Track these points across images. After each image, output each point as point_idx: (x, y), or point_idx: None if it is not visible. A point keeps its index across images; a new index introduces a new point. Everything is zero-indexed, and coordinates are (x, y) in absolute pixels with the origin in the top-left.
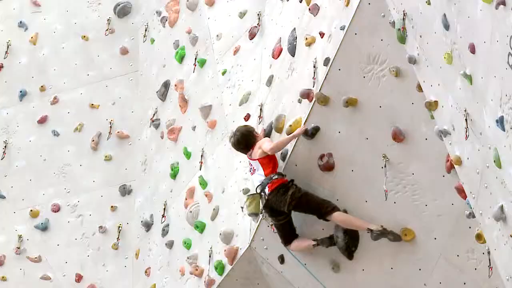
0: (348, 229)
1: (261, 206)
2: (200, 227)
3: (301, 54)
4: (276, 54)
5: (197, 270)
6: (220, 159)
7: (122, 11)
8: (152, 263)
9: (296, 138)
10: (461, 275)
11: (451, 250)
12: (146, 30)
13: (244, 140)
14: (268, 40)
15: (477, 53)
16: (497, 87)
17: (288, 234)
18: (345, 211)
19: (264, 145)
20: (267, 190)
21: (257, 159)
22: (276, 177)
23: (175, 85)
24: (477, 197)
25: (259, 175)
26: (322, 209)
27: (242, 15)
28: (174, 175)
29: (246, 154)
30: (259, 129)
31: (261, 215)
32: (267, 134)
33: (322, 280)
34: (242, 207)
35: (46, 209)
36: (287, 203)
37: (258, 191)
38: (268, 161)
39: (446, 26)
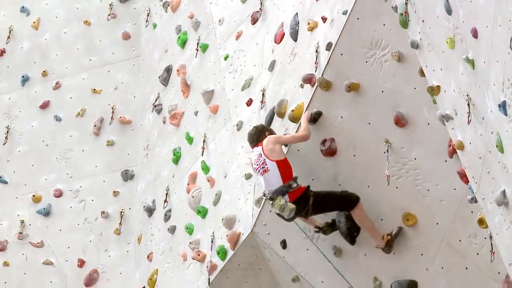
0: (350, 215)
1: (276, 210)
2: (202, 212)
3: (303, 39)
4: (278, 39)
5: (199, 255)
6: (222, 144)
7: None
8: (154, 248)
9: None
10: (463, 259)
11: (453, 235)
12: (148, 15)
13: (255, 132)
14: (270, 25)
15: (480, 38)
16: (499, 71)
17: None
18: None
19: (284, 137)
20: (287, 199)
21: (276, 161)
22: (295, 185)
23: (177, 70)
24: (479, 182)
25: (274, 180)
26: (342, 205)
27: (244, 0)
28: (176, 160)
29: (251, 145)
30: (259, 117)
31: (263, 199)
32: (268, 120)
33: (324, 264)
34: (279, 211)
35: (48, 194)
36: (310, 212)
37: (270, 195)
38: (286, 164)
39: (449, 11)
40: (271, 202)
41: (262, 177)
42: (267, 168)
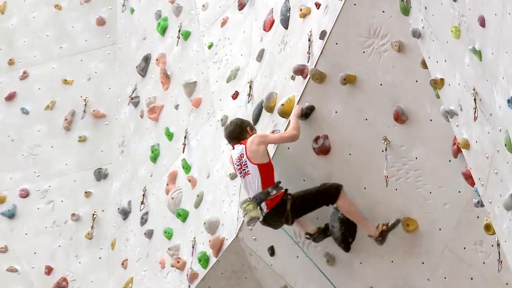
0: (345, 219)
1: (260, 217)
2: (183, 215)
3: (295, 26)
4: (268, 26)
5: (178, 262)
6: (205, 141)
7: None
8: (130, 254)
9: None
10: (468, 269)
11: (458, 242)
12: None
13: (237, 131)
14: (259, 11)
15: (487, 27)
16: (509, 63)
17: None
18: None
19: (270, 137)
20: (264, 208)
21: (258, 165)
22: (274, 192)
23: (157, 60)
24: (486, 184)
25: (254, 185)
26: (324, 199)
27: None
28: (154, 158)
29: (232, 144)
30: (247, 110)
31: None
32: (256, 115)
33: (316, 273)
34: (243, 216)
35: (13, 195)
36: (290, 218)
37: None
38: (269, 168)
39: None
40: (243, 203)
41: (243, 180)
42: (248, 171)
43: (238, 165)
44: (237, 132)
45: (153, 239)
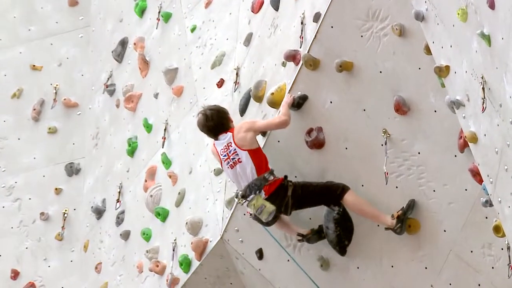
0: (340, 219)
1: (251, 211)
2: (162, 215)
3: (286, 8)
4: (257, 7)
5: (158, 266)
6: (188, 133)
7: None
8: (104, 257)
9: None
10: (475, 274)
11: (464, 245)
12: None
13: (218, 120)
14: None
15: (497, 9)
16: None
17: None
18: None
19: (258, 123)
20: (262, 194)
21: (248, 150)
22: (271, 177)
23: (134, 44)
24: (496, 182)
25: (247, 172)
26: (329, 195)
27: None
28: (131, 152)
29: (213, 137)
30: (233, 100)
31: (236, 200)
32: (244, 104)
33: (308, 279)
34: (257, 214)
35: None
36: (290, 207)
37: (244, 193)
38: (260, 154)
39: None
40: (244, 201)
41: (232, 171)
42: (239, 159)
43: (225, 156)
44: (222, 122)
45: (129, 241)
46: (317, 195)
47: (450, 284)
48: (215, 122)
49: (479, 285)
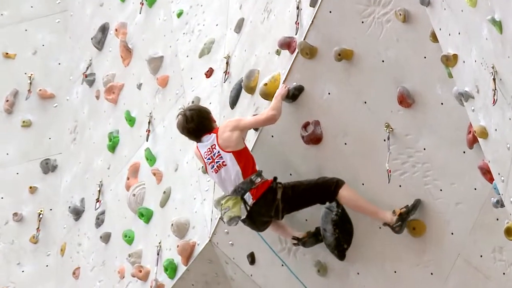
0: (339, 221)
1: (242, 215)
2: (146, 216)
3: None
4: None
5: (141, 271)
6: (174, 127)
7: None
8: (83, 262)
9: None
10: (485, 281)
11: (473, 248)
12: None
13: (198, 121)
14: None
15: None
16: None
17: None
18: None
19: (245, 121)
20: (249, 199)
21: (232, 152)
22: (259, 180)
23: (116, 30)
24: (507, 180)
25: (232, 176)
26: (323, 193)
27: None
28: (112, 147)
29: (195, 140)
30: (222, 92)
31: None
32: (234, 96)
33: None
34: (221, 215)
35: None
36: (280, 210)
37: (220, 210)
38: (246, 155)
39: None
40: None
41: (217, 175)
42: (223, 162)
43: (209, 159)
44: (203, 123)
45: (110, 244)
46: (309, 194)
47: None
48: (195, 124)
49: None
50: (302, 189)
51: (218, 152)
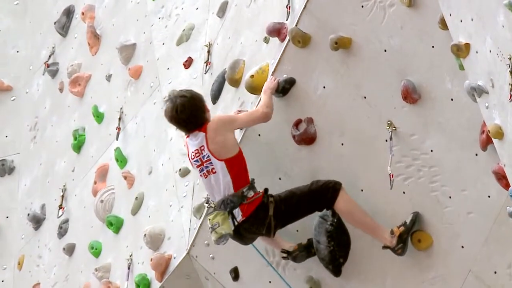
0: (334, 232)
1: (231, 231)
2: (116, 225)
3: None
4: None
5: (109, 287)
6: (147, 125)
7: None
8: (43, 276)
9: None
10: None
11: (486, 264)
12: None
13: (192, 110)
14: None
15: None
16: None
17: None
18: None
19: (240, 119)
20: (239, 215)
21: (225, 160)
22: (251, 193)
23: (82, 14)
24: None
25: (222, 186)
26: (319, 201)
27: None
28: (78, 147)
29: (185, 131)
30: (203, 83)
31: (206, 207)
32: (217, 90)
33: None
34: (210, 228)
35: None
36: (273, 228)
37: (215, 206)
38: (240, 162)
39: None
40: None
41: (206, 180)
42: (213, 169)
43: (197, 161)
44: (195, 115)
45: (75, 257)
46: (304, 205)
47: None
48: (187, 115)
49: None
50: (295, 201)
51: (208, 157)
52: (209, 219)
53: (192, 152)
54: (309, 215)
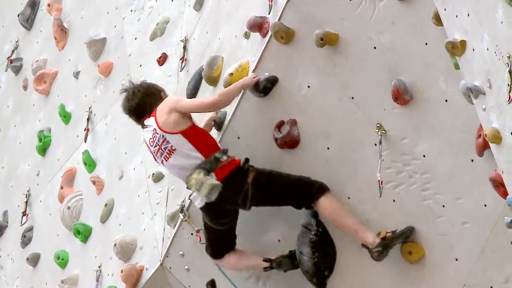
0: (319, 242)
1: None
2: (83, 234)
3: None
4: None
5: None
6: (118, 126)
7: None
8: None
9: (241, 94)
10: None
11: (481, 277)
12: None
13: (140, 98)
14: None
15: None
16: None
17: (224, 244)
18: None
19: (183, 103)
20: (213, 178)
21: (180, 132)
22: (224, 157)
23: (48, 5)
24: None
25: (187, 158)
26: (302, 193)
27: None
28: (43, 149)
29: (138, 122)
30: (178, 82)
31: (181, 215)
32: (193, 88)
33: None
34: (195, 190)
35: None
36: (249, 198)
37: (193, 188)
38: (197, 132)
39: None
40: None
41: (168, 164)
42: (171, 147)
43: (155, 147)
44: (147, 102)
45: (39, 267)
46: (286, 188)
47: None
48: (137, 102)
49: None
50: (279, 181)
51: (163, 136)
52: (192, 180)
53: (150, 139)
54: (291, 224)
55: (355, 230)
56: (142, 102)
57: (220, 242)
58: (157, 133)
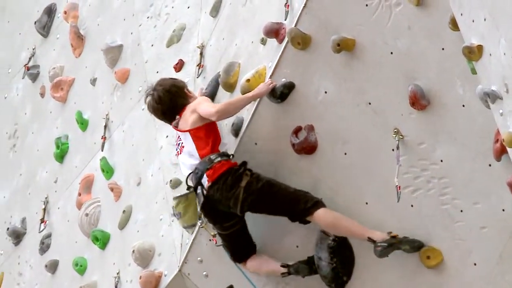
0: (337, 247)
1: (198, 207)
2: (102, 240)
3: None
4: None
5: None
6: (135, 132)
7: None
8: None
9: (258, 100)
10: None
11: (500, 283)
12: None
13: (169, 100)
14: None
15: None
16: None
17: (241, 247)
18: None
19: (201, 106)
20: (205, 181)
21: (188, 130)
22: (218, 159)
23: (65, 13)
24: None
25: (190, 157)
26: (297, 205)
27: None
28: (60, 156)
29: (170, 123)
30: (195, 89)
31: (199, 222)
32: (210, 95)
33: None
34: (173, 216)
35: None
36: (240, 201)
37: (190, 183)
38: (206, 133)
39: None
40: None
41: (179, 160)
42: (182, 144)
43: (177, 146)
44: (175, 103)
45: (58, 274)
46: (280, 199)
47: None
48: (166, 104)
49: None
50: (274, 189)
51: (177, 134)
52: (173, 206)
53: (176, 135)
54: (310, 230)
55: (362, 234)
56: (170, 104)
57: (234, 247)
58: (177, 131)
